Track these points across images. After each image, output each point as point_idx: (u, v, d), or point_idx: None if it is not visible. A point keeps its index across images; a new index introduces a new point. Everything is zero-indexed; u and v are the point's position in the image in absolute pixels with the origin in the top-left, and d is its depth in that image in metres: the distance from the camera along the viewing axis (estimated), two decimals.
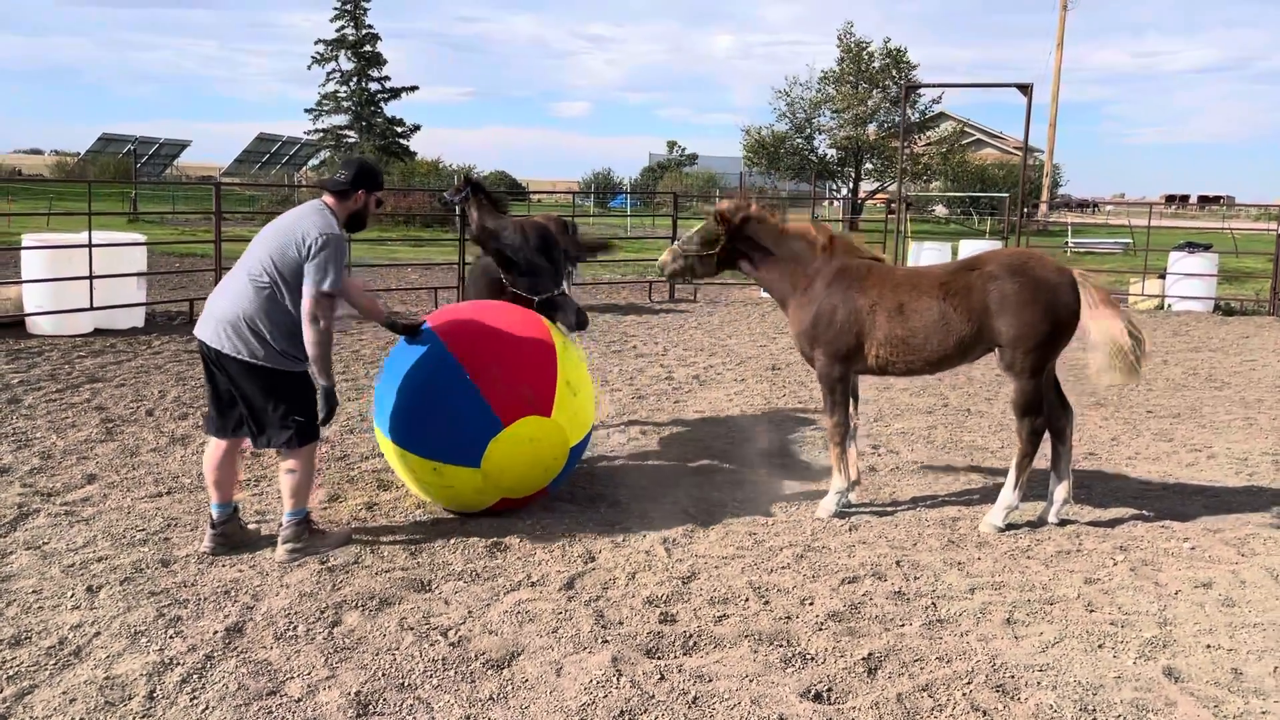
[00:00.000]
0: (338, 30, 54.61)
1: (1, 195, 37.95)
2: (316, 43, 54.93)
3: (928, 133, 44.31)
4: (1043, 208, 43.91)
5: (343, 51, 54.63)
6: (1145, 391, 10.08)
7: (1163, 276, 17.62)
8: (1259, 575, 5.10)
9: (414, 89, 56.77)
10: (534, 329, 5.64)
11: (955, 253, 17.96)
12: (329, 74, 55.08)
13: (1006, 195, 31.53)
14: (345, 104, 55.11)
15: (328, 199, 5.07)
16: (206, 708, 3.64)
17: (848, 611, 4.60)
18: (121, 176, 42.57)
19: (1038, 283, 5.49)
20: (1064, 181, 56.59)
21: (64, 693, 3.69)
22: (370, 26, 54.81)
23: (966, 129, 56.18)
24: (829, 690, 3.89)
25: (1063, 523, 5.87)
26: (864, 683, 3.95)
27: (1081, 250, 31.07)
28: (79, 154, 58.70)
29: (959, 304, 5.55)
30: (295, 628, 4.27)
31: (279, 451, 5.09)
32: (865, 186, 45.00)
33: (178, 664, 3.93)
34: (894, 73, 41.65)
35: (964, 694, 3.87)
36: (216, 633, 4.20)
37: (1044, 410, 5.70)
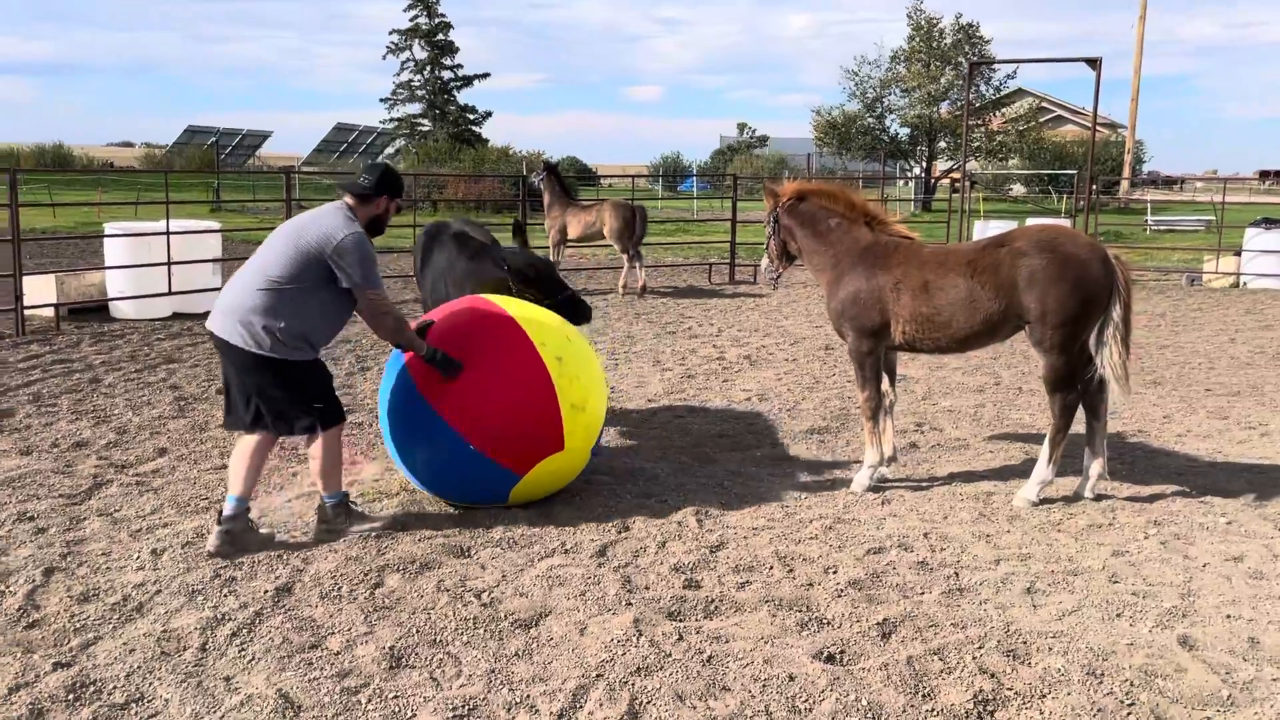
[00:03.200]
0: (411, 20, 55.41)
1: (93, 186, 39.51)
2: (391, 33, 55.86)
3: (1003, 110, 43.47)
4: (1124, 185, 42.78)
5: (416, 41, 55.44)
6: (1207, 369, 9.92)
7: (1238, 254, 17.16)
8: None
9: (485, 76, 57.37)
10: (523, 360, 5.31)
11: None
12: (403, 63, 55.99)
13: (1075, 172, 30.80)
14: (419, 93, 55.98)
15: (349, 200, 5.07)
16: (253, 659, 3.91)
17: (869, 580, 4.72)
18: (206, 167, 43.89)
19: (1067, 258, 5.50)
20: (1147, 158, 54.96)
21: (124, 644, 4.00)
22: (443, 15, 55.49)
23: (1048, 105, 54.91)
24: (841, 652, 4.02)
25: (1099, 497, 5.89)
26: (877, 646, 4.08)
27: (1162, 228, 30.26)
28: (166, 146, 60.55)
29: (987, 281, 5.59)
30: (339, 588, 4.54)
31: (306, 440, 5.14)
32: (940, 165, 44.34)
33: (229, 619, 4.22)
34: (966, 49, 40.93)
35: (974, 658, 3.97)
36: (267, 592, 4.48)
37: (1076, 386, 5.72)
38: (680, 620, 4.29)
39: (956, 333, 5.74)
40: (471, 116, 56.95)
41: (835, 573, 4.80)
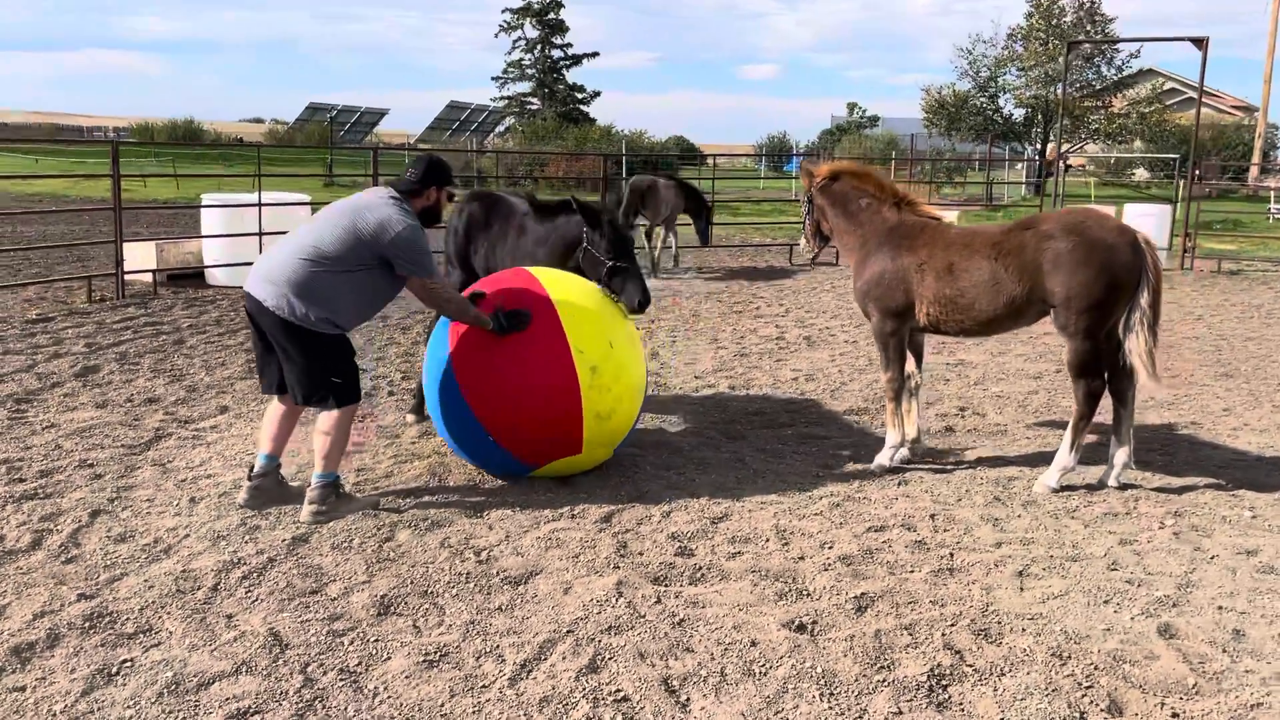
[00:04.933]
0: None
1: (218, 160, 41.35)
2: (503, 11, 56.79)
3: (1124, 91, 41.78)
4: (1253, 171, 40.67)
5: (528, 20, 56.22)
6: None
7: None
8: None
9: (594, 55, 57.89)
10: (555, 368, 5.31)
11: (1119, 216, 17.09)
12: (514, 42, 56.87)
13: (1176, 157, 29.43)
14: (529, 71, 56.78)
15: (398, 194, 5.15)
16: (256, 600, 4.21)
17: (860, 556, 4.78)
18: (324, 143, 45.42)
19: (1093, 243, 5.42)
20: None
21: (145, 581, 4.34)
22: None
23: (1178, 87, 52.51)
24: (813, 623, 4.11)
25: (1124, 486, 5.79)
26: (849, 618, 4.15)
27: None
28: (289, 122, 62.83)
29: (1011, 264, 5.54)
30: (351, 540, 4.82)
31: (316, 412, 5.19)
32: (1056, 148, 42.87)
33: (244, 564, 4.53)
34: (1088, 27, 39.46)
35: (943, 635, 4.01)
36: (284, 540, 4.79)
37: (1102, 373, 5.63)
38: (664, 585, 4.44)
39: (980, 315, 5.71)
40: (580, 95, 57.54)
41: (830, 548, 4.88)
